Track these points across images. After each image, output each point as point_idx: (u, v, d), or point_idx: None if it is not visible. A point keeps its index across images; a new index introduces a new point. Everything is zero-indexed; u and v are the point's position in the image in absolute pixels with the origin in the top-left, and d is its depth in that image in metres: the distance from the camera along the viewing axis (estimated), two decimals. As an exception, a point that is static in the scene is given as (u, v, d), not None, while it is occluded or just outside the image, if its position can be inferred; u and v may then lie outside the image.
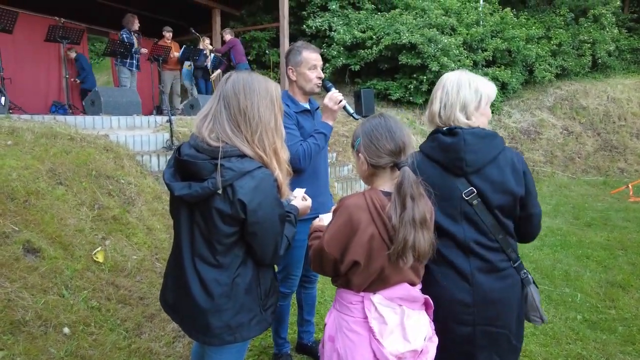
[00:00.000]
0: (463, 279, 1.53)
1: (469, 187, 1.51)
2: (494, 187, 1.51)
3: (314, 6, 10.69)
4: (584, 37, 11.27)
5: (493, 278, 1.53)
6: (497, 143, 1.56)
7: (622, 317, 3.28)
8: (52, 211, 3.21)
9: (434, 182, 1.48)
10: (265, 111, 1.42)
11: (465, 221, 1.53)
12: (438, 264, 1.55)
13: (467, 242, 1.53)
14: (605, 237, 5.25)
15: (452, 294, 1.53)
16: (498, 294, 1.53)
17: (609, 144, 10.02)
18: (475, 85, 1.60)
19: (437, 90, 1.65)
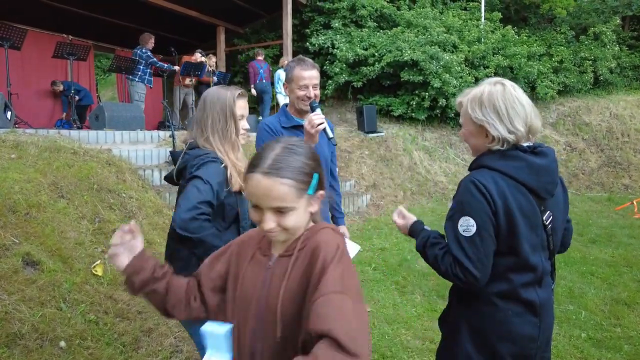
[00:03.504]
0: (532, 312, 1.41)
1: (547, 212, 1.41)
2: (559, 209, 1.47)
3: (317, 24, 10.87)
4: (585, 55, 11.35)
5: (550, 304, 1.48)
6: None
7: (628, 335, 3.22)
8: (53, 224, 3.22)
9: (523, 208, 1.35)
10: (212, 120, 1.70)
11: (541, 249, 1.41)
12: (510, 301, 1.40)
13: (544, 273, 1.43)
14: (610, 253, 5.18)
15: (522, 330, 1.39)
16: (551, 319, 1.49)
17: (612, 160, 9.99)
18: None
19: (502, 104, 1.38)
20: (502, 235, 1.35)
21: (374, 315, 3.54)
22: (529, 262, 1.37)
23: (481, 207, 1.33)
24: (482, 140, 1.41)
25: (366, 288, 4.12)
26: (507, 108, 1.34)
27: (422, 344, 3.09)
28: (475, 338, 1.42)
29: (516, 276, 1.39)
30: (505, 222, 1.34)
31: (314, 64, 2.27)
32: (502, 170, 1.35)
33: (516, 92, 1.38)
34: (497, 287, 1.40)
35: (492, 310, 1.40)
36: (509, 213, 1.33)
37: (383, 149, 8.98)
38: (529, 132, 1.37)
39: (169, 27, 10.23)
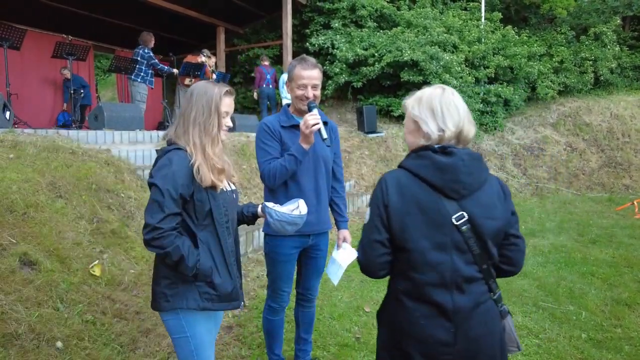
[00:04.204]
0: (445, 317, 1.40)
1: (459, 212, 1.39)
2: (484, 212, 1.41)
3: (317, 24, 10.86)
4: (585, 55, 11.33)
5: (475, 313, 1.41)
6: (485, 166, 1.47)
7: (629, 336, 3.20)
8: (51, 224, 3.20)
9: (425, 206, 1.39)
10: (196, 112, 1.68)
11: (454, 250, 1.39)
12: (418, 301, 1.43)
13: (454, 275, 1.40)
14: (610, 254, 5.16)
15: (432, 333, 1.41)
16: (480, 330, 1.42)
17: (613, 161, 9.97)
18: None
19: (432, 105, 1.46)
20: (395, 229, 1.41)
21: (373, 315, 3.52)
22: (427, 260, 1.39)
23: (376, 200, 1.45)
24: (416, 138, 1.48)
25: (365, 288, 4.10)
26: (442, 108, 1.42)
27: (421, 345, 3.07)
28: (387, 332, 1.52)
29: (417, 274, 1.41)
30: (397, 216, 1.41)
31: (316, 64, 2.23)
32: (408, 168, 1.44)
33: (454, 97, 1.46)
34: (401, 284, 1.47)
35: (400, 307, 1.46)
36: (403, 208, 1.40)
37: (383, 149, 8.97)
38: (459, 136, 1.43)
39: (168, 27, 10.22)
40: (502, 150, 10.25)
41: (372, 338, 3.15)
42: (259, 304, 3.56)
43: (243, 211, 1.96)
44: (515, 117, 11.06)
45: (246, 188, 5.62)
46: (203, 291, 1.66)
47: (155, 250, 1.58)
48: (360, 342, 3.09)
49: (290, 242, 2.29)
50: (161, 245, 1.55)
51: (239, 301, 1.77)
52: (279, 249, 2.30)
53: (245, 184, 5.69)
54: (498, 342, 1.46)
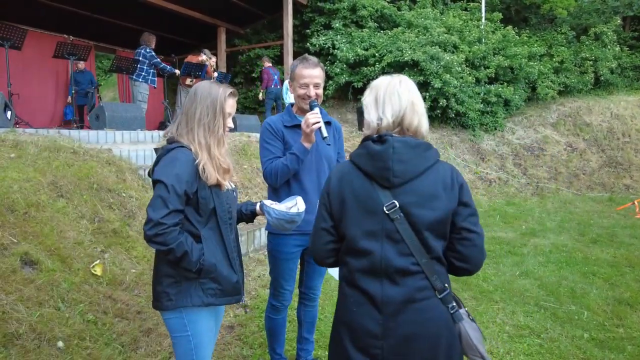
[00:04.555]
0: (374, 306, 1.36)
1: (392, 201, 1.35)
2: (420, 202, 1.35)
3: (317, 25, 10.86)
4: (585, 55, 11.34)
5: (408, 308, 1.33)
6: (430, 155, 1.40)
7: (631, 335, 3.19)
8: (52, 224, 3.20)
9: (358, 193, 1.39)
10: (201, 113, 1.68)
11: (386, 239, 1.35)
12: (352, 288, 1.42)
13: (383, 264, 1.35)
14: (611, 254, 5.16)
15: (362, 322, 1.37)
16: (413, 328, 1.33)
17: (613, 161, 9.97)
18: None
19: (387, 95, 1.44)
20: (335, 216, 1.44)
21: (375, 315, 3.52)
22: (358, 246, 1.38)
23: (322, 190, 1.49)
24: (365, 128, 1.48)
25: (367, 288, 4.09)
26: (384, 97, 1.42)
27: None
28: (334, 320, 1.53)
29: (351, 260, 1.41)
30: (337, 204, 1.43)
31: (317, 63, 2.23)
32: (351, 158, 1.47)
33: (400, 87, 1.43)
34: (342, 270, 1.47)
35: (341, 293, 1.47)
36: (341, 196, 1.42)
37: (384, 150, 8.96)
38: (401, 125, 1.41)
39: (169, 27, 10.22)
40: (503, 150, 10.25)
41: (373, 338, 3.15)
42: (261, 303, 3.56)
43: (242, 209, 1.97)
44: (516, 117, 11.06)
45: (247, 187, 5.62)
46: (207, 287, 1.66)
47: (157, 247, 1.55)
48: (362, 342, 3.08)
49: (292, 241, 2.29)
50: (164, 242, 1.53)
51: (240, 295, 1.78)
52: (281, 247, 2.30)
53: (246, 184, 5.69)
54: (443, 349, 1.35)
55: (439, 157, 1.44)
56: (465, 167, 9.59)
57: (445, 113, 9.88)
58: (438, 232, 1.36)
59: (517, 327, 3.34)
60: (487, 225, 6.57)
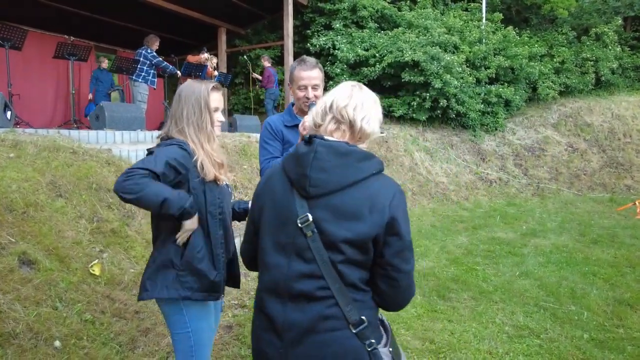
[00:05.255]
0: (274, 332, 1.19)
1: (306, 213, 1.17)
2: (336, 219, 1.15)
3: (318, 25, 10.86)
4: (586, 55, 11.33)
5: (310, 340, 1.14)
6: (364, 167, 1.18)
7: (631, 336, 3.18)
8: (50, 223, 3.20)
9: (277, 200, 1.24)
10: (187, 112, 1.71)
11: (294, 256, 1.17)
12: (257, 307, 1.27)
13: (287, 284, 1.17)
14: (612, 254, 5.14)
15: (264, 349, 1.22)
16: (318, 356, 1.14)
17: (614, 161, 9.95)
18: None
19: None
20: (255, 222, 1.32)
21: (374, 315, 3.51)
22: (266, 259, 1.23)
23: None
24: None
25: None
26: (328, 99, 1.29)
27: (422, 345, 3.05)
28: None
29: (261, 275, 1.27)
30: (257, 209, 1.31)
31: (315, 64, 2.22)
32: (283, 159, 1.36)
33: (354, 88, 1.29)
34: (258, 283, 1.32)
35: (253, 316, 1.31)
36: (262, 200, 1.29)
37: (384, 150, 8.96)
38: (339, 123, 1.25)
39: (170, 28, 10.22)
40: (503, 151, 10.24)
41: (372, 338, 3.14)
42: (259, 303, 3.55)
43: (235, 207, 1.97)
44: (516, 118, 11.04)
45: (247, 187, 5.61)
46: (184, 280, 1.66)
47: (127, 194, 1.45)
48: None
49: None
50: (135, 185, 1.44)
51: (219, 294, 1.75)
52: None
53: (246, 184, 5.69)
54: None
55: (381, 171, 1.22)
56: (466, 168, 9.57)
57: (445, 113, 9.87)
58: (352, 258, 1.15)
59: (516, 328, 3.33)
60: (487, 226, 6.56)
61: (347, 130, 1.25)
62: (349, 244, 1.14)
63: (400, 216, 1.17)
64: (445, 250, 5.34)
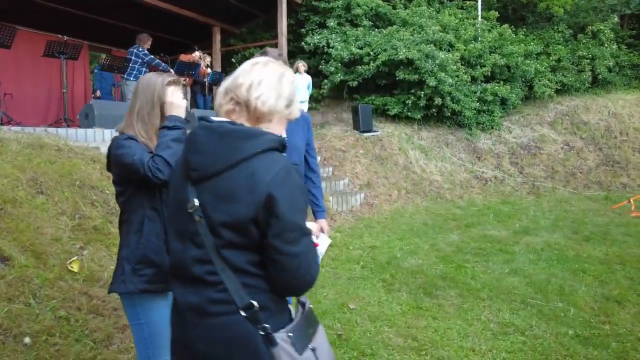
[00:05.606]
0: (178, 314, 1.22)
1: (194, 198, 1.16)
2: (216, 203, 1.13)
3: (312, 24, 10.83)
4: (582, 53, 11.28)
5: (205, 323, 1.15)
6: (248, 146, 1.14)
7: (617, 332, 3.13)
8: (29, 220, 3.17)
9: (175, 186, 1.25)
10: (140, 106, 1.71)
11: (189, 242, 1.18)
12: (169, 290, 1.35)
13: (184, 269, 1.19)
14: (604, 251, 5.09)
15: (172, 328, 1.26)
16: (209, 348, 1.15)
17: (610, 159, 9.89)
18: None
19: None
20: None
21: (358, 312, 3.47)
22: (169, 245, 1.26)
23: None
24: None
25: (352, 285, 4.05)
26: (230, 81, 1.25)
27: (404, 342, 3.01)
28: None
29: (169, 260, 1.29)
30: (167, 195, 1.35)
31: (278, 57, 2.08)
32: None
33: (251, 67, 1.23)
34: None
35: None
36: (170, 188, 1.30)
37: (378, 148, 8.92)
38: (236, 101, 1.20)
39: (164, 27, 10.20)
40: (499, 149, 10.19)
41: (354, 335, 3.10)
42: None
43: None
44: (513, 116, 10.99)
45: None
46: (141, 273, 1.65)
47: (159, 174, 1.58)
48: (342, 339, 3.03)
49: None
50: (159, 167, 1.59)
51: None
52: None
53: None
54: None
55: (272, 149, 1.17)
56: (461, 166, 9.53)
57: (441, 112, 9.82)
58: (233, 241, 1.13)
59: (501, 325, 3.28)
60: (479, 224, 6.51)
61: (244, 110, 1.20)
62: (227, 227, 1.12)
63: (281, 195, 1.11)
64: (436, 248, 5.29)
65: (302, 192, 1.17)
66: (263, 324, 1.12)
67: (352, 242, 5.48)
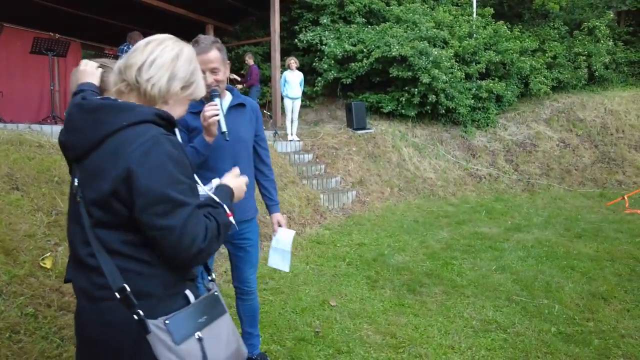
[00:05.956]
0: (76, 297, 1.20)
1: (75, 177, 1.13)
2: (89, 180, 1.10)
3: (306, 21, 10.77)
4: (578, 50, 11.20)
5: (88, 307, 1.13)
6: (116, 119, 1.09)
7: (600, 329, 3.07)
8: (1, 216, 3.11)
9: (70, 167, 1.21)
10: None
11: (75, 224, 1.14)
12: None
13: (75, 251, 1.15)
14: (594, 248, 5.02)
15: (75, 313, 1.22)
16: (93, 332, 1.13)
17: (606, 156, 9.81)
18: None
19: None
20: None
21: (338, 309, 3.41)
22: (68, 229, 1.21)
23: None
24: None
25: (335, 282, 3.99)
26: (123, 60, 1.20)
27: (382, 339, 2.95)
28: None
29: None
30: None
31: (211, 45, 1.98)
32: None
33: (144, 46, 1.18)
34: None
35: None
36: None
37: (371, 146, 8.85)
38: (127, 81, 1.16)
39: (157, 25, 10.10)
40: (494, 147, 10.11)
41: (331, 332, 3.04)
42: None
43: None
44: (508, 113, 10.92)
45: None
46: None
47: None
48: (319, 337, 2.97)
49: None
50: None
51: None
52: None
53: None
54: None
55: (145, 121, 1.10)
56: (455, 164, 9.46)
57: (435, 109, 9.75)
58: (101, 220, 1.09)
59: (484, 322, 3.22)
60: (471, 221, 6.44)
61: (135, 92, 1.15)
62: (95, 205, 1.09)
63: (142, 167, 1.05)
64: (425, 245, 5.23)
65: (176, 162, 1.09)
66: (137, 310, 1.06)
67: (340, 240, 5.42)
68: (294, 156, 7.78)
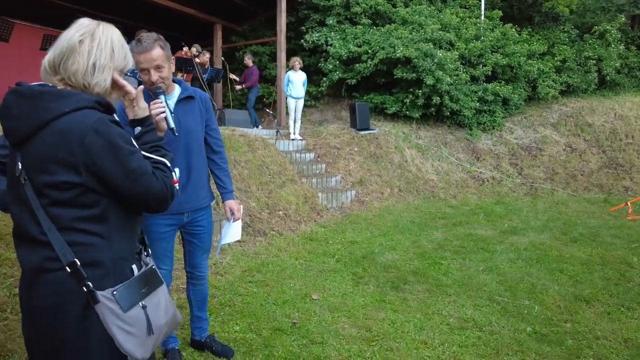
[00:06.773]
0: (23, 276, 1.27)
1: (17, 162, 1.20)
2: (37, 165, 1.17)
3: (312, 21, 10.86)
4: (589, 54, 11.04)
5: (41, 280, 1.21)
6: (56, 106, 1.16)
7: (576, 330, 3.08)
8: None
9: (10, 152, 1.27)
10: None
11: (23, 206, 1.21)
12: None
13: (22, 230, 1.23)
14: (588, 252, 4.99)
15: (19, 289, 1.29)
16: (41, 302, 1.21)
17: (614, 162, 9.67)
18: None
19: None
20: None
21: (319, 303, 3.48)
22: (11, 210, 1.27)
23: None
24: None
25: (321, 278, 4.06)
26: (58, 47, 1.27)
27: (357, 332, 3.01)
28: None
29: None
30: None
31: (153, 43, 2.02)
32: None
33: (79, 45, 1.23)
34: None
35: None
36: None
37: (374, 146, 8.90)
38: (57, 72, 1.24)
39: (166, 24, 10.36)
40: (499, 150, 10.05)
41: (309, 324, 3.11)
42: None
43: None
44: (515, 117, 10.83)
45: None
46: None
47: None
48: (295, 327, 3.05)
49: (162, 220, 2.25)
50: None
51: None
52: (150, 227, 2.24)
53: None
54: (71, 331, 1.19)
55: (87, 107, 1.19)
56: (458, 166, 9.43)
57: (440, 111, 9.74)
58: (59, 199, 1.18)
59: (461, 320, 3.25)
60: (468, 223, 6.44)
61: (66, 81, 1.23)
62: (50, 187, 1.17)
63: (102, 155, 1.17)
64: (416, 244, 5.26)
65: (124, 139, 1.21)
66: (87, 282, 1.17)
67: (333, 237, 5.49)
68: (295, 155, 7.87)
